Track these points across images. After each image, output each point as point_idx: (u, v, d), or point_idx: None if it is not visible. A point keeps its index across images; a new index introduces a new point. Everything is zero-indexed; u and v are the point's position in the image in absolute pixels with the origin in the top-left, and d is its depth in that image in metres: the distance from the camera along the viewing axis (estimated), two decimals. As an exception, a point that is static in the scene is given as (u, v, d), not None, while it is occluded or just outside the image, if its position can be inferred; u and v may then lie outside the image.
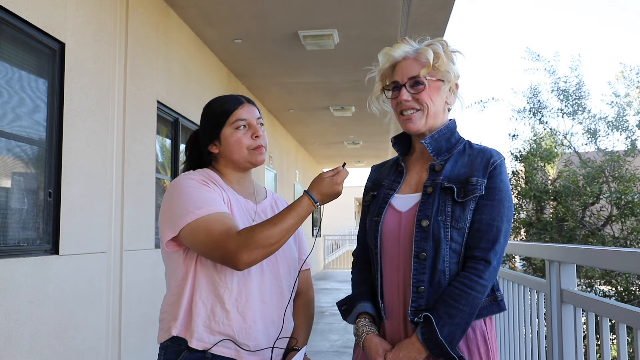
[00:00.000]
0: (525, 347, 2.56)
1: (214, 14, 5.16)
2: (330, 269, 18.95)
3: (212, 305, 1.48)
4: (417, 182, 1.50)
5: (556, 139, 8.97)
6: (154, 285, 4.38)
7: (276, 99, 8.52)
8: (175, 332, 1.49)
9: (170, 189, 1.55)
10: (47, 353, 3.07)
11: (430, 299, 1.38)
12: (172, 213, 1.49)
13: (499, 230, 1.39)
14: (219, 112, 1.61)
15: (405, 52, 1.50)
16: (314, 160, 15.62)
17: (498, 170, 1.43)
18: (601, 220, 7.67)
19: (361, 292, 1.53)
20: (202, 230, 1.43)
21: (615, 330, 1.61)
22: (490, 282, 1.38)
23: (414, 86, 1.47)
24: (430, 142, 1.48)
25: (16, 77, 3.03)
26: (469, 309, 1.35)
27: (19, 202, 3.06)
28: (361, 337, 1.46)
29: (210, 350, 1.47)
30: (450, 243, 1.39)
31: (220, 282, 1.49)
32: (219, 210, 1.47)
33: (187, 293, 1.50)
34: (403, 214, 1.46)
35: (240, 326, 1.48)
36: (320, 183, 1.49)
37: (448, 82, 1.48)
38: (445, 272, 1.39)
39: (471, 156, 1.47)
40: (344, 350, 5.80)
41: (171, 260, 1.55)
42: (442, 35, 5.65)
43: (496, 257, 1.38)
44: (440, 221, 1.39)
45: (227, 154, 1.60)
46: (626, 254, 1.61)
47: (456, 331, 1.33)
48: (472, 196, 1.40)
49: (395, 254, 1.45)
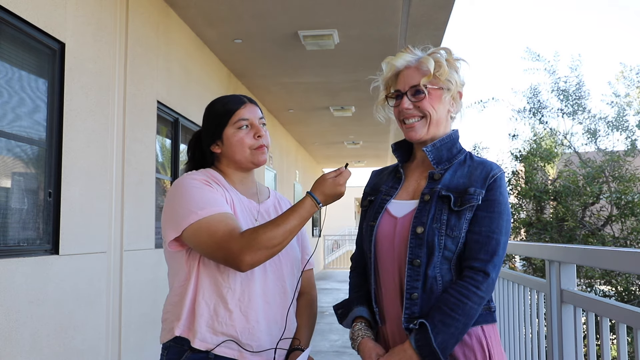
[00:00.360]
0: (525, 347, 2.56)
1: (214, 14, 5.16)
2: (330, 269, 18.96)
3: (215, 305, 1.48)
4: (415, 189, 1.51)
5: (556, 139, 8.97)
6: (154, 285, 4.39)
7: (276, 99, 8.52)
8: (178, 333, 1.49)
9: (172, 189, 1.54)
10: (47, 353, 3.07)
11: (424, 305, 1.39)
12: (175, 213, 1.48)
13: (497, 243, 1.39)
14: (221, 112, 1.61)
15: (407, 61, 1.51)
16: (314, 160, 15.61)
17: (498, 183, 1.43)
18: (601, 220, 7.68)
19: (358, 296, 1.54)
20: (204, 231, 1.43)
21: (615, 330, 1.61)
22: (487, 294, 1.38)
23: (415, 95, 1.48)
24: (431, 150, 1.49)
25: (16, 77, 3.03)
26: (464, 319, 1.35)
27: (19, 202, 3.06)
28: (356, 341, 1.48)
29: (213, 350, 1.46)
30: (444, 251, 1.39)
31: (223, 283, 1.48)
32: (222, 210, 1.46)
33: (190, 293, 1.49)
34: (399, 220, 1.46)
35: (243, 326, 1.48)
36: (323, 184, 1.50)
37: (449, 90, 1.49)
38: (437, 279, 1.39)
39: (471, 167, 1.47)
40: (344, 350, 5.80)
41: (174, 261, 1.55)
42: (442, 35, 5.66)
43: (495, 269, 1.39)
44: (435, 229, 1.39)
45: (229, 153, 1.60)
46: (626, 254, 1.61)
47: (450, 340, 1.33)
48: (469, 205, 1.40)
49: (390, 259, 1.45)
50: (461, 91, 1.52)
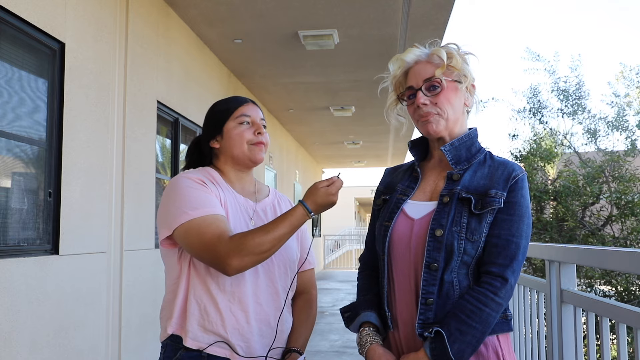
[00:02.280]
0: (525, 347, 2.56)
1: (214, 14, 5.16)
2: (331, 269, 18.95)
3: (206, 305, 1.48)
4: (432, 190, 1.45)
5: (556, 139, 8.97)
6: (154, 285, 4.38)
7: (276, 99, 8.52)
8: (171, 331, 1.50)
9: (168, 187, 1.55)
10: (46, 353, 3.07)
11: (439, 311, 1.33)
12: (168, 212, 1.49)
13: (517, 247, 1.33)
14: (224, 108, 1.64)
15: (417, 56, 1.45)
16: (314, 160, 15.61)
17: (520, 185, 1.37)
18: (601, 220, 7.68)
19: (366, 300, 1.48)
20: (194, 232, 1.43)
21: (615, 330, 1.61)
22: (505, 300, 1.32)
23: (430, 89, 1.41)
24: (450, 149, 1.42)
25: (16, 77, 3.02)
26: (482, 326, 1.28)
27: (19, 202, 3.06)
28: (364, 347, 1.41)
29: (205, 350, 1.47)
30: (463, 255, 1.33)
31: (214, 283, 1.49)
32: (213, 212, 1.46)
33: (182, 292, 1.50)
34: (416, 222, 1.40)
35: (233, 327, 1.48)
36: (315, 193, 1.49)
37: (464, 82, 1.43)
38: (454, 284, 1.33)
39: (492, 168, 1.41)
40: (344, 350, 5.80)
41: (168, 259, 1.56)
42: (442, 35, 5.65)
43: (514, 275, 1.32)
44: (454, 232, 1.33)
45: (227, 148, 1.61)
46: (626, 254, 1.61)
47: (466, 349, 1.27)
48: (490, 208, 1.34)
49: (406, 262, 1.39)
50: (474, 84, 1.47)
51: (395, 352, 1.42)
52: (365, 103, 8.72)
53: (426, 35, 5.66)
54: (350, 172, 9.32)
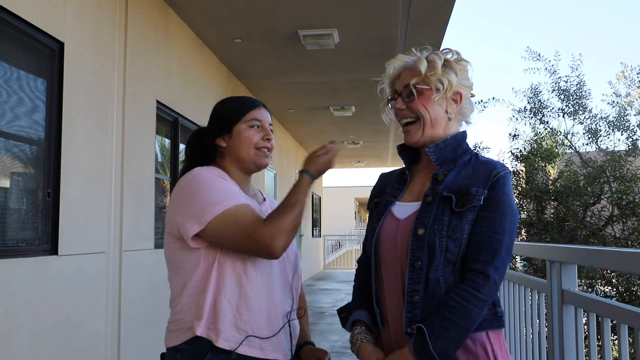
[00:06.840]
0: (526, 348, 2.55)
1: (213, 13, 5.15)
2: (331, 269, 18.94)
3: (238, 303, 1.48)
4: (419, 190, 1.49)
5: (557, 138, 8.95)
6: (154, 285, 4.38)
7: (276, 99, 8.52)
8: (200, 332, 1.45)
9: (187, 183, 1.51)
10: (46, 353, 3.06)
11: (425, 309, 1.36)
12: (196, 206, 1.46)
13: (499, 244, 1.35)
14: (236, 108, 1.64)
15: (405, 62, 1.52)
16: (314, 160, 15.58)
17: (501, 182, 1.39)
18: (602, 220, 7.66)
19: (359, 300, 1.53)
20: (231, 221, 1.44)
21: (617, 331, 1.60)
22: (489, 297, 1.34)
23: (409, 95, 1.48)
24: (434, 150, 1.47)
25: (15, 76, 3.02)
26: (465, 322, 1.30)
27: (17, 202, 3.05)
28: (355, 345, 1.46)
29: (236, 350, 1.45)
30: (446, 253, 1.36)
31: (245, 279, 1.49)
32: (243, 201, 1.49)
33: (211, 292, 1.47)
34: (401, 222, 1.45)
35: (263, 323, 1.50)
36: (315, 161, 1.58)
37: (439, 91, 1.46)
38: (440, 282, 1.36)
39: (475, 167, 1.45)
40: (344, 350, 5.79)
41: (187, 258, 1.51)
42: (442, 35, 5.65)
43: (497, 271, 1.34)
44: (436, 230, 1.36)
45: (234, 148, 1.61)
46: (627, 255, 1.60)
47: (449, 345, 1.29)
48: (470, 206, 1.37)
49: (393, 261, 1.44)
50: (461, 92, 1.49)
51: (387, 349, 1.45)
52: (365, 103, 8.72)
53: (426, 35, 5.68)
54: (350, 172, 9.20)
